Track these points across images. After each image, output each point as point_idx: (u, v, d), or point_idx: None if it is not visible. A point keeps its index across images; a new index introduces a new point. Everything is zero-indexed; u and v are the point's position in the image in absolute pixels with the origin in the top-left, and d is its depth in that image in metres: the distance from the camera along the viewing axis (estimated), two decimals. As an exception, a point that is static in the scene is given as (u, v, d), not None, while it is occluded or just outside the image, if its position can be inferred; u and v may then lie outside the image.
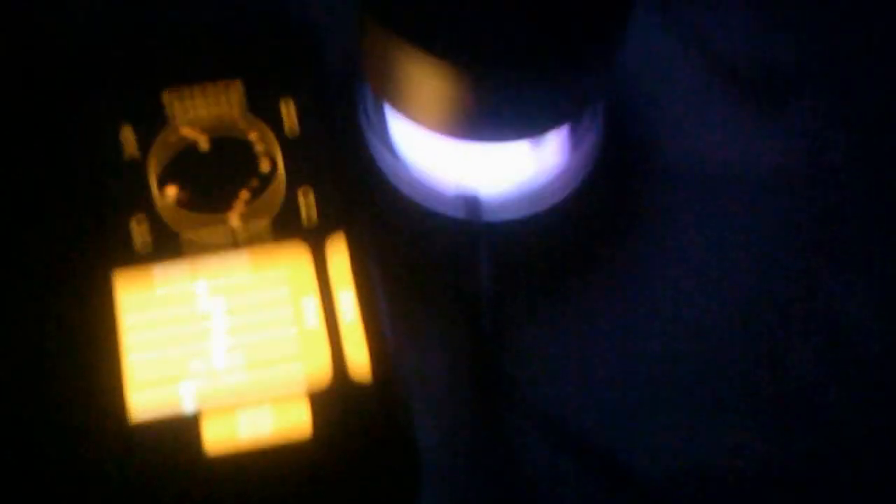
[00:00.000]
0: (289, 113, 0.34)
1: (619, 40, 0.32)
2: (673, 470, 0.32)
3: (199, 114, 0.34)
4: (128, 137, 0.33)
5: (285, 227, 0.32)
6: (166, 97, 0.34)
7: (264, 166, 0.33)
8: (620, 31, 0.31)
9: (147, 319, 0.30)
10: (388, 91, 0.32)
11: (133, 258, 0.31)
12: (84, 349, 0.31)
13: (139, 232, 0.31)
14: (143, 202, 0.32)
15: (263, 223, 0.32)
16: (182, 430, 0.29)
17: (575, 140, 0.35)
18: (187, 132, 0.33)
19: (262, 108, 0.34)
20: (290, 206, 0.32)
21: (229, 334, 0.30)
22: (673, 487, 0.32)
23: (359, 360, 0.30)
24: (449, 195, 0.34)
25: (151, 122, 0.33)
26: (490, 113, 0.31)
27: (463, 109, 0.31)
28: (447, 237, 0.34)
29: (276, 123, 0.33)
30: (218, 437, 0.29)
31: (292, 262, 0.31)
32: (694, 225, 0.37)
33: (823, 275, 0.36)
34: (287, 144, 0.33)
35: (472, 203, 0.33)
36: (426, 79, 0.31)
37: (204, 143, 0.33)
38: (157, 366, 0.30)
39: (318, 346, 0.30)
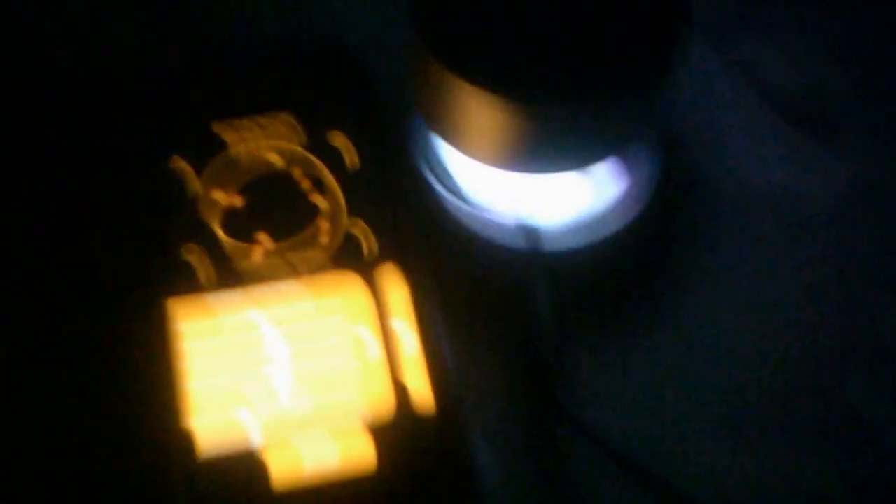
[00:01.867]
0: (343, 145, 0.34)
1: (665, 73, 0.32)
2: (730, 500, 0.32)
3: (251, 145, 0.34)
4: (180, 167, 0.33)
5: (342, 258, 0.32)
6: (217, 127, 0.34)
7: (319, 198, 0.33)
8: (667, 63, 0.31)
9: (203, 348, 0.30)
10: (441, 124, 0.32)
11: (189, 288, 0.31)
12: (143, 380, 0.31)
13: (194, 261, 0.32)
14: (199, 232, 0.32)
15: (319, 254, 0.32)
16: (249, 466, 0.29)
17: (632, 169, 0.35)
18: (240, 163, 0.33)
19: (316, 140, 0.34)
20: (346, 238, 0.32)
21: (288, 365, 0.30)
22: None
23: (421, 392, 0.30)
24: (508, 225, 0.34)
25: (203, 152, 0.33)
26: (541, 146, 0.31)
27: (514, 142, 0.31)
28: (507, 267, 0.34)
29: (329, 155, 0.34)
30: (284, 472, 0.29)
31: (349, 292, 0.31)
32: (751, 253, 0.36)
33: (881, 303, 0.35)
34: (342, 176, 0.33)
35: (531, 233, 0.33)
36: (477, 112, 0.31)
37: (255, 174, 0.33)
38: (219, 397, 0.30)
39: (379, 377, 0.30)
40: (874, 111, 0.40)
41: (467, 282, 0.35)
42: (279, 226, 0.32)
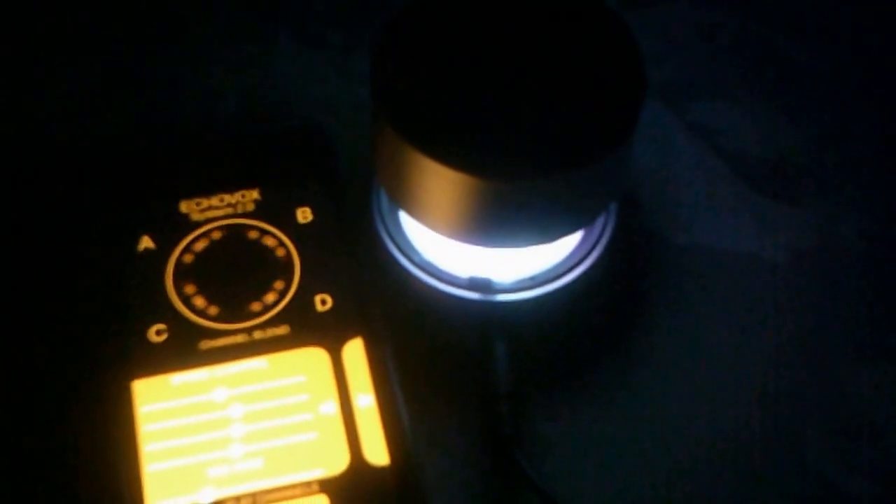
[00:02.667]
0: (306, 220, 0.34)
1: (627, 144, 0.32)
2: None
3: (216, 223, 0.34)
4: (147, 247, 0.33)
5: (304, 333, 0.32)
6: (184, 207, 0.34)
7: (282, 273, 0.33)
8: (628, 134, 0.31)
9: (168, 430, 0.30)
10: (403, 198, 0.33)
11: (152, 368, 0.31)
12: (104, 461, 0.31)
13: (158, 341, 0.32)
14: (163, 312, 0.32)
15: (282, 330, 0.32)
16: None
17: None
18: (205, 241, 0.34)
19: (280, 215, 0.34)
20: (309, 313, 0.32)
21: (249, 439, 0.30)
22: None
23: (375, 444, 0.30)
24: (461, 277, 0.34)
25: (170, 231, 0.34)
26: (503, 222, 0.31)
27: (476, 218, 0.31)
28: (461, 319, 0.34)
29: (293, 231, 0.34)
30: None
31: (311, 368, 0.31)
32: (708, 308, 0.36)
33: (845, 366, 0.35)
34: (304, 251, 0.33)
35: (484, 284, 0.34)
36: (439, 187, 0.31)
37: (222, 252, 0.33)
38: (177, 475, 0.30)
39: (334, 431, 0.30)
40: (835, 176, 0.40)
41: (422, 334, 0.35)
42: (246, 303, 0.33)
